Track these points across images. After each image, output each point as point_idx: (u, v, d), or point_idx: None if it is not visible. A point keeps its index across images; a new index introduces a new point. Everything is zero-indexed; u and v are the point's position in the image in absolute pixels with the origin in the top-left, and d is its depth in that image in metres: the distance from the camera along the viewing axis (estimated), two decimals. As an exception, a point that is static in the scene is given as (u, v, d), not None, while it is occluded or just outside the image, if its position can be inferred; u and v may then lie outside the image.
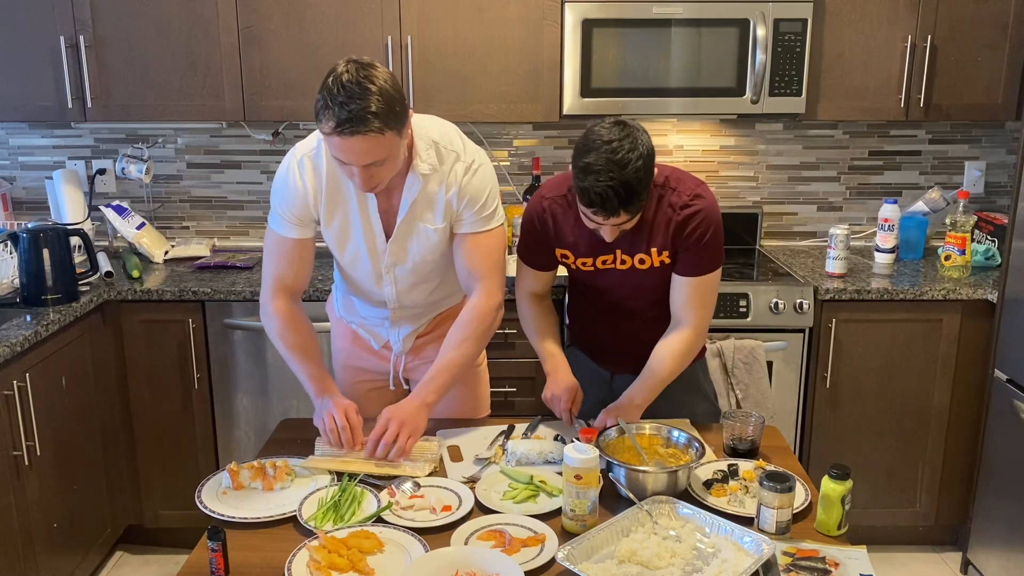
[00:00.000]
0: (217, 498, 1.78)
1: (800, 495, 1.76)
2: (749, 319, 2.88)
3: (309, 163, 1.94)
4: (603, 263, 2.02)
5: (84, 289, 2.83)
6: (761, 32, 2.88)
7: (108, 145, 3.42)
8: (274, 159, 3.41)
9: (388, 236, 2.00)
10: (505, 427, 2.10)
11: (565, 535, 1.63)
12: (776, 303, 2.86)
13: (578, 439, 1.80)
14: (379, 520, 1.69)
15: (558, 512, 1.70)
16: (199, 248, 3.32)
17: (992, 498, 2.82)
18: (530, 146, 3.43)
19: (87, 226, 3.24)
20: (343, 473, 1.83)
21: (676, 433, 1.88)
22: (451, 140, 1.96)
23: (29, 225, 2.79)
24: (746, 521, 1.65)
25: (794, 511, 1.67)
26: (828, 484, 1.65)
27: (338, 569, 1.52)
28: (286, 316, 2.02)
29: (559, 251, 2.06)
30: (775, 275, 3.05)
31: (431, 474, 1.86)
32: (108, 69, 3.00)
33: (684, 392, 2.14)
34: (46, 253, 2.68)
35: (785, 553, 1.58)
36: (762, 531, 1.63)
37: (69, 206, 3.24)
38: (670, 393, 2.04)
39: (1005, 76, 3.03)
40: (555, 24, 2.95)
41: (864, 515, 2.97)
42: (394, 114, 1.73)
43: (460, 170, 1.94)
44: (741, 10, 2.90)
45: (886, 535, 3.14)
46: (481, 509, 1.74)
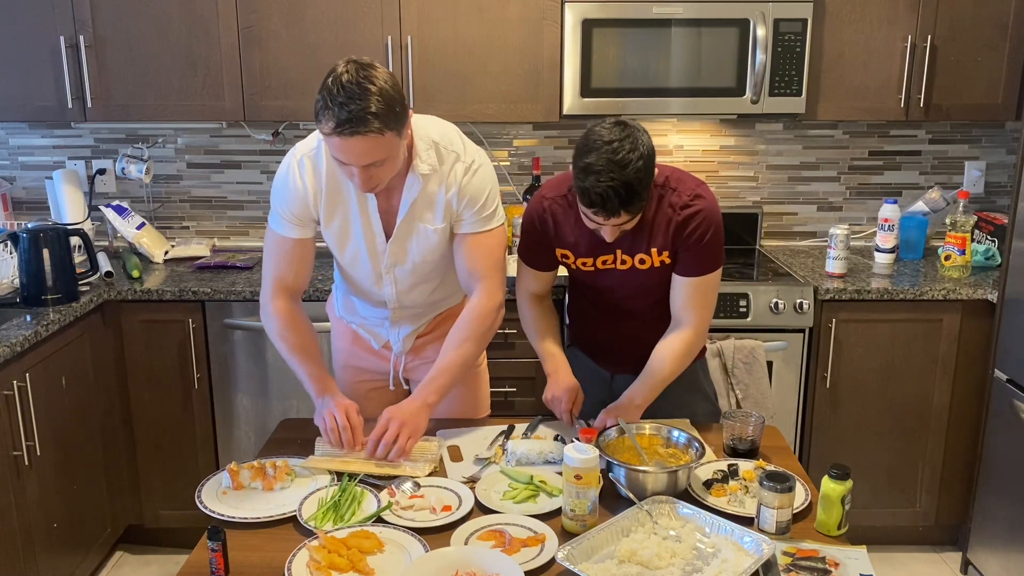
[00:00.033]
0: (217, 498, 1.78)
1: (800, 495, 1.76)
2: (749, 319, 2.88)
3: (309, 163, 1.94)
4: (603, 263, 2.02)
5: (84, 289, 2.83)
6: (761, 32, 2.88)
7: (108, 145, 3.42)
8: (274, 159, 3.41)
9: (388, 236, 2.00)
10: (505, 427, 2.10)
11: (565, 535, 1.63)
12: (776, 303, 2.86)
13: (578, 439, 1.79)
14: (379, 520, 1.69)
15: (558, 512, 1.70)
16: (199, 248, 3.32)
17: (992, 498, 2.82)
18: (530, 146, 3.43)
19: (87, 226, 3.23)
20: (343, 473, 1.83)
21: (676, 433, 1.88)
22: (451, 140, 1.96)
23: (29, 225, 2.79)
24: (746, 521, 1.65)
25: (794, 511, 1.67)
26: (828, 484, 1.65)
27: (338, 569, 1.52)
28: (286, 316, 2.02)
29: (559, 251, 2.06)
30: (775, 275, 3.05)
31: (431, 474, 1.86)
32: (108, 69, 3.00)
33: (684, 392, 2.14)
34: (46, 253, 2.68)
35: (785, 553, 1.57)
36: (762, 531, 1.63)
37: (69, 206, 3.24)
38: (670, 393, 2.04)
39: (1005, 76, 3.03)
40: (555, 24, 2.95)
41: (864, 515, 2.97)
42: (394, 114, 1.73)
43: (460, 170, 1.94)
44: (741, 10, 2.90)
45: (886, 535, 3.14)
46: (481, 509, 1.74)
